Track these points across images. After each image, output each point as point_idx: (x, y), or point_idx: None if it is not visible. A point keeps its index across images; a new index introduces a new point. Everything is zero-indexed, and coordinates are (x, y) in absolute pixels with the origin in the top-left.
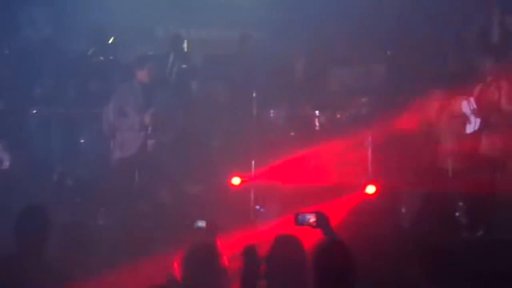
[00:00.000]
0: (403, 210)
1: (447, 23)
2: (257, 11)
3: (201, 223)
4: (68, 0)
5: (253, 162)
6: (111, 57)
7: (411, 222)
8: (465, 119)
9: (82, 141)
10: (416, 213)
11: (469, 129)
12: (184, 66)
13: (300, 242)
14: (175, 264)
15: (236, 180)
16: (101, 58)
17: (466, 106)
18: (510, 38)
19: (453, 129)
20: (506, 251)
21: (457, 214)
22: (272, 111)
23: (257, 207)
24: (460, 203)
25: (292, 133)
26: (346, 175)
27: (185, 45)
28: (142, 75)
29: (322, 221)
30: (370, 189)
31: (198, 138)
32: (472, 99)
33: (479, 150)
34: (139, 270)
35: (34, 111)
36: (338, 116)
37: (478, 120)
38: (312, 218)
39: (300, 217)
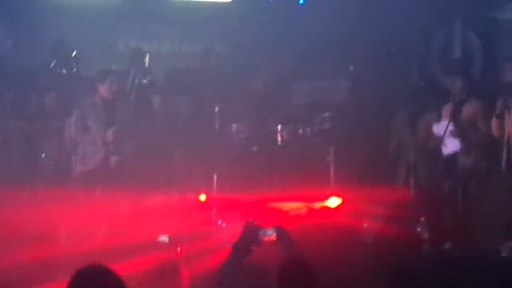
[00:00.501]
0: (365, 225)
1: (409, 39)
2: (220, 25)
3: (164, 238)
4: (29, 13)
5: (215, 176)
6: (74, 70)
7: (374, 237)
8: (439, 142)
9: (43, 155)
10: (378, 228)
11: (446, 151)
12: (145, 80)
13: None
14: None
15: (202, 197)
16: (63, 71)
17: (440, 127)
18: (471, 53)
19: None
20: (473, 267)
21: (418, 229)
22: (234, 125)
23: (219, 221)
24: (422, 218)
25: (255, 148)
26: (308, 189)
27: (146, 59)
28: (103, 89)
29: (283, 236)
30: (333, 201)
31: (159, 152)
32: (444, 121)
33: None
34: None
35: None
36: (301, 131)
37: (457, 141)
38: (272, 233)
39: (260, 232)
